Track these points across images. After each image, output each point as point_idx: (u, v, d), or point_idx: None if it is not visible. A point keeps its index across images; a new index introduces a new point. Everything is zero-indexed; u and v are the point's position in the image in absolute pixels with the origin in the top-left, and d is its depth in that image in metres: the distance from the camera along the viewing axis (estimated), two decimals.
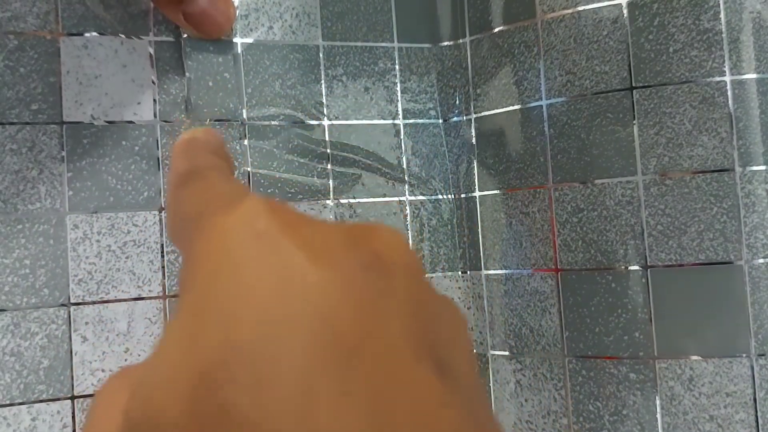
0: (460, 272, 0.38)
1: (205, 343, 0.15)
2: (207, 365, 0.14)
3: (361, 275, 0.16)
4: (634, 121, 0.34)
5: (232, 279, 0.16)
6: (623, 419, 0.34)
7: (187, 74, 0.34)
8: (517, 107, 0.36)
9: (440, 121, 0.39)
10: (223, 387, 0.14)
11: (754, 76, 0.33)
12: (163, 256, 0.33)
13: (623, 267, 0.34)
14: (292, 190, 0.35)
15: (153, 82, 0.33)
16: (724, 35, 0.33)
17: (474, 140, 0.38)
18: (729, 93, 0.33)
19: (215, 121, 0.34)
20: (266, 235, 0.17)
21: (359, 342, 0.15)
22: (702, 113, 0.33)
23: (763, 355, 0.33)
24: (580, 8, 0.35)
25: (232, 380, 0.14)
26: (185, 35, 0.34)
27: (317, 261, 0.16)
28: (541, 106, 0.35)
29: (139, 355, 0.32)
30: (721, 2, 0.33)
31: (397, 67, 0.38)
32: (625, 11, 0.34)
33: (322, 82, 0.36)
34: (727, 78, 0.33)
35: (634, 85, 0.34)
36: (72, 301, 0.31)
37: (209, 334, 0.15)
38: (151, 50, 0.33)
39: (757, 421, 0.33)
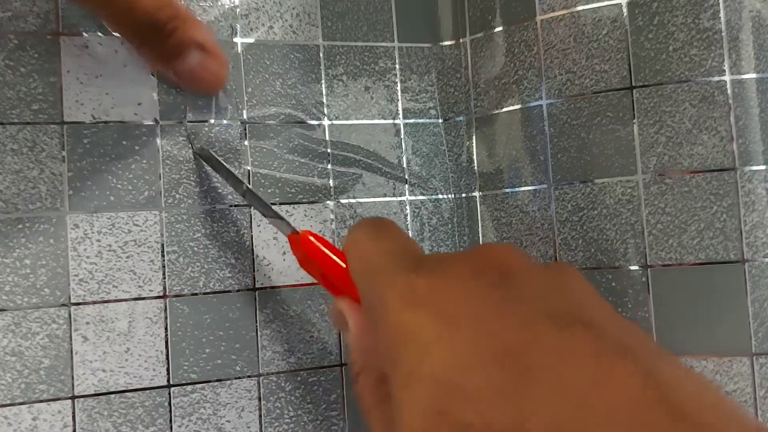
0: None
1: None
2: None
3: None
4: (634, 120, 0.34)
5: None
6: None
7: None
8: (517, 106, 0.36)
9: (440, 120, 0.39)
10: None
11: (753, 75, 0.33)
12: (163, 256, 0.33)
13: (623, 266, 0.34)
14: (293, 190, 0.35)
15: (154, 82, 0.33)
16: (723, 34, 0.33)
17: (474, 139, 0.38)
18: (729, 92, 0.33)
19: (215, 120, 0.34)
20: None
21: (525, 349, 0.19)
22: (702, 112, 0.33)
23: (763, 354, 0.33)
24: (580, 8, 0.35)
25: None
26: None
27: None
28: (541, 105, 0.35)
29: (140, 356, 0.32)
30: (721, 1, 0.33)
31: (397, 66, 0.38)
32: (624, 10, 0.34)
33: (323, 81, 0.36)
34: (727, 77, 0.33)
35: (633, 84, 0.34)
36: (73, 300, 0.31)
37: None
38: None
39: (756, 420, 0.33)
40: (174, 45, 0.31)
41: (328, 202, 0.36)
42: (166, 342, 0.33)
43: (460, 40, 0.38)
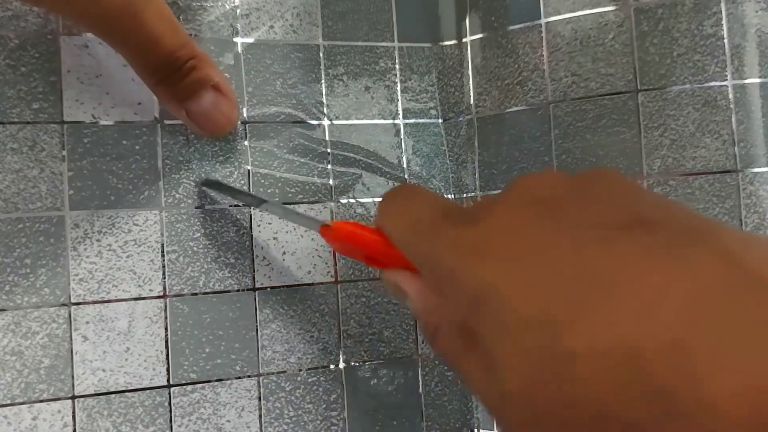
0: None
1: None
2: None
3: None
4: (639, 123, 0.34)
5: None
6: None
7: None
8: (521, 108, 0.36)
9: (440, 120, 0.39)
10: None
11: (755, 80, 0.33)
12: (163, 256, 0.33)
13: None
14: (293, 190, 0.35)
15: None
16: (726, 40, 0.33)
17: (476, 140, 0.38)
18: (731, 96, 0.33)
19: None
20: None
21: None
22: (705, 116, 0.33)
23: None
24: (586, 11, 0.35)
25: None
26: None
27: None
28: (547, 106, 0.35)
29: (140, 355, 0.32)
30: (723, 9, 0.33)
31: (397, 66, 0.38)
32: (630, 15, 0.34)
33: (323, 81, 0.36)
34: (729, 82, 0.33)
35: (639, 87, 0.34)
36: (73, 300, 0.31)
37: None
38: None
39: None
40: (190, 84, 0.31)
41: (328, 202, 0.36)
42: (166, 342, 0.33)
43: (463, 40, 0.38)
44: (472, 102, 0.38)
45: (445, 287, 0.24)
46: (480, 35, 0.38)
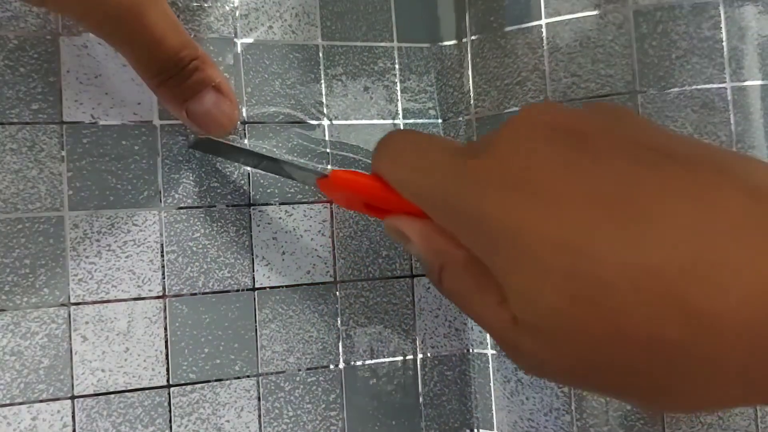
0: None
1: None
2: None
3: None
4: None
5: None
6: (627, 414, 0.34)
7: None
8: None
9: (440, 120, 0.39)
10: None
11: (753, 83, 0.33)
12: (162, 256, 0.33)
13: None
14: (292, 190, 0.35)
15: None
16: (724, 43, 0.34)
17: (475, 140, 0.38)
18: (729, 98, 0.33)
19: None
20: None
21: None
22: (703, 117, 0.33)
23: None
24: (586, 13, 0.35)
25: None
26: None
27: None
28: None
29: (139, 355, 0.32)
30: (722, 12, 0.34)
31: (396, 66, 0.38)
32: (630, 17, 0.34)
33: (322, 81, 0.36)
34: (727, 84, 0.33)
35: (638, 89, 0.34)
36: (72, 300, 0.31)
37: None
38: None
39: (756, 413, 0.33)
40: (192, 85, 0.31)
41: (327, 202, 0.36)
42: (166, 342, 0.33)
43: (462, 41, 0.38)
44: (471, 102, 0.38)
45: (453, 223, 0.24)
46: (479, 35, 0.38)
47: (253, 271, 0.34)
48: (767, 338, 0.17)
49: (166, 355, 0.33)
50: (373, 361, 0.36)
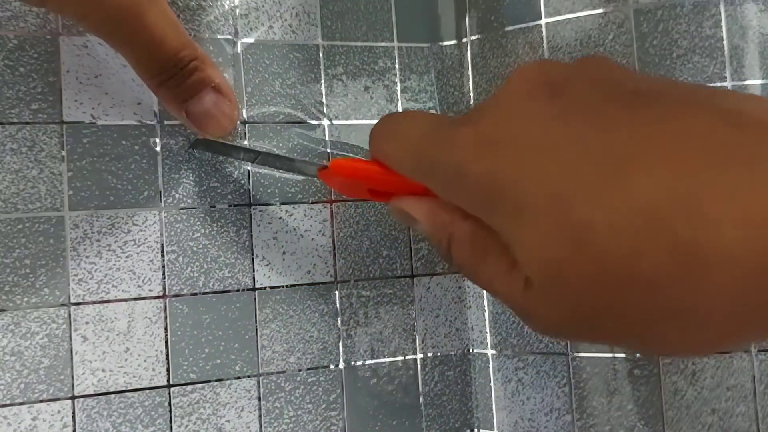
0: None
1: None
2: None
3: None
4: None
5: None
6: (627, 414, 0.34)
7: None
8: None
9: None
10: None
11: (753, 81, 0.33)
12: (163, 256, 0.33)
13: None
14: (293, 190, 0.35)
15: None
16: (725, 42, 0.34)
17: None
18: None
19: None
20: None
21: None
22: None
23: (763, 350, 0.33)
24: (586, 12, 0.35)
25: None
26: None
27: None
28: None
29: (139, 355, 0.32)
30: (722, 10, 0.33)
31: (396, 66, 0.38)
32: (630, 16, 0.34)
33: (322, 81, 0.36)
34: (728, 83, 0.33)
35: None
36: (72, 300, 0.31)
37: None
38: None
39: (756, 414, 0.33)
40: (192, 85, 0.31)
41: (327, 202, 0.36)
42: (166, 342, 0.33)
43: (462, 40, 0.38)
44: (471, 102, 0.38)
45: (455, 191, 0.24)
46: (479, 35, 0.38)
47: (254, 271, 0.34)
48: (761, 265, 0.17)
49: (167, 355, 0.33)
50: (374, 361, 0.36)
